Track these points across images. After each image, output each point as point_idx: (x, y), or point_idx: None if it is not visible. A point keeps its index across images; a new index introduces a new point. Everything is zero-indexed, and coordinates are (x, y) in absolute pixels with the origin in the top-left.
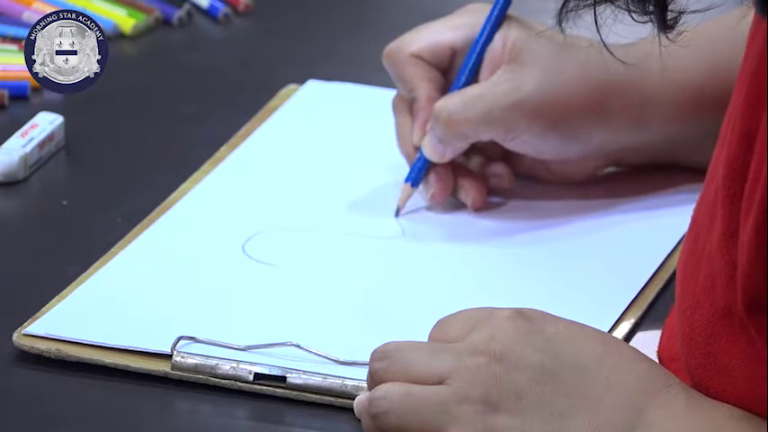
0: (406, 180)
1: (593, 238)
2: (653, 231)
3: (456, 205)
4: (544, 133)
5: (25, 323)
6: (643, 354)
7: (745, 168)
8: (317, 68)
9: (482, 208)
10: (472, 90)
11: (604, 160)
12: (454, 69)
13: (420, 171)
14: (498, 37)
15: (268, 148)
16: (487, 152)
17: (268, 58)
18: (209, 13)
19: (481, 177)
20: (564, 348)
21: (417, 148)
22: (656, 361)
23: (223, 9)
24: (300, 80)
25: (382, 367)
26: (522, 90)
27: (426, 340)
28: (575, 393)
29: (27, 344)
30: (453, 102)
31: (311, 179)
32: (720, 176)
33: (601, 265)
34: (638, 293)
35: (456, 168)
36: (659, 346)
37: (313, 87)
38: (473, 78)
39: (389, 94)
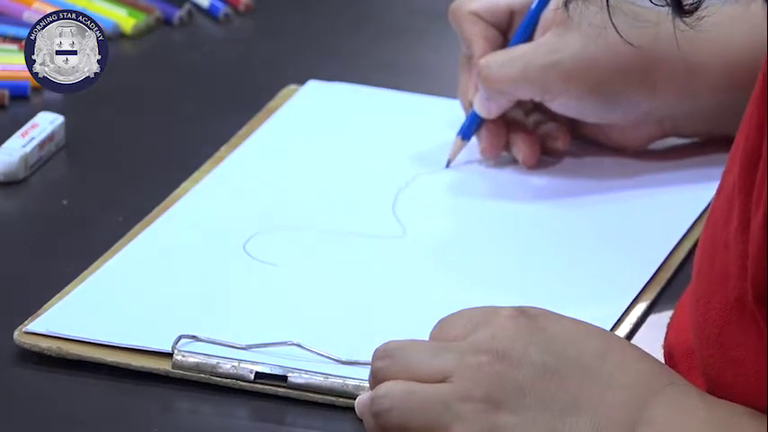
0: (458, 134)
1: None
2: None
3: (509, 161)
4: (582, 96)
5: (26, 321)
6: (645, 352)
7: (759, 158)
8: (317, 68)
9: (534, 165)
10: (515, 49)
11: (658, 129)
12: (514, 30)
13: (471, 126)
14: (554, 0)
15: (268, 147)
16: (547, 112)
17: (268, 58)
18: (209, 13)
19: (535, 135)
20: (566, 347)
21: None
22: (662, 354)
23: (223, 9)
24: (301, 80)
25: (384, 366)
26: (562, 52)
27: (428, 339)
28: (577, 391)
29: (28, 342)
30: (494, 59)
31: (312, 179)
32: (738, 167)
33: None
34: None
35: (510, 125)
36: (667, 341)
37: (313, 87)
38: (527, 40)
39: (390, 94)
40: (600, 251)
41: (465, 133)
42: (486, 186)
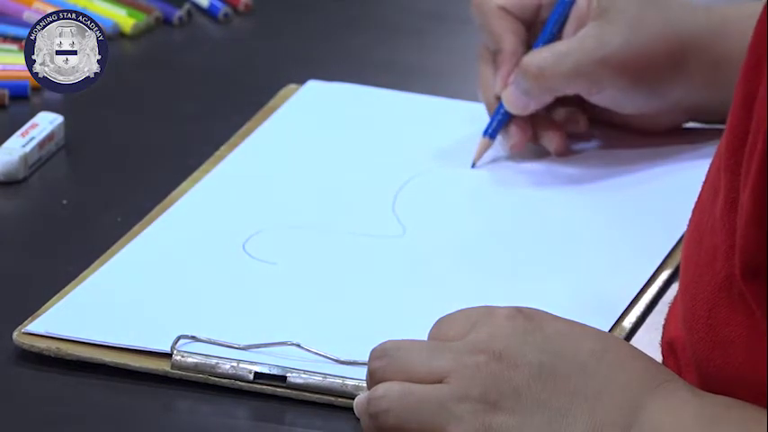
0: (485, 133)
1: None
2: None
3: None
4: (628, 87)
5: (25, 321)
6: (641, 351)
7: (745, 134)
8: (317, 68)
9: (565, 154)
10: (561, 45)
11: (681, 117)
12: (538, 23)
13: (499, 124)
14: None
15: (268, 147)
16: (565, 102)
17: (268, 57)
18: (209, 13)
19: (560, 124)
20: (563, 347)
21: (499, 99)
22: (659, 353)
23: (223, 9)
24: (300, 80)
25: (381, 366)
26: (610, 45)
27: (426, 339)
28: (574, 391)
29: (27, 342)
30: (543, 56)
31: (311, 178)
32: (724, 146)
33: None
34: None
35: (534, 118)
36: (667, 335)
37: (313, 87)
38: (557, 34)
39: (389, 94)
40: (602, 251)
41: (492, 132)
42: (485, 185)
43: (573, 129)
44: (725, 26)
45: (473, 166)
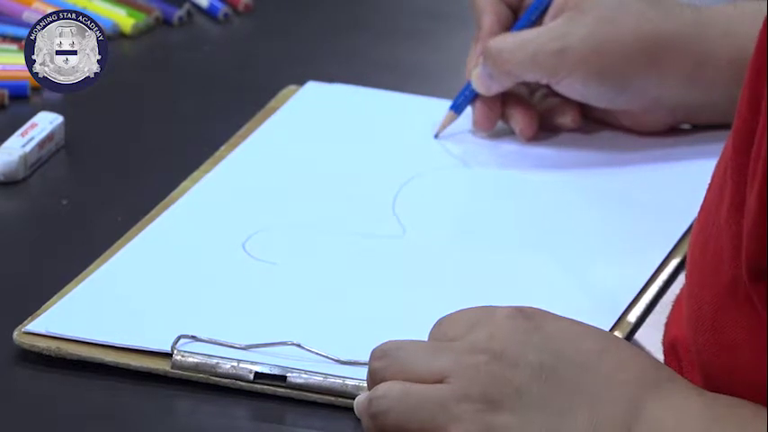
0: (451, 107)
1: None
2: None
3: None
4: (587, 80)
5: (25, 321)
6: (641, 350)
7: (751, 135)
8: (316, 68)
9: (532, 138)
10: (526, 33)
11: (670, 116)
12: (523, 8)
13: (465, 100)
14: None
15: (268, 147)
16: (556, 94)
17: (268, 58)
18: (208, 13)
19: (533, 107)
20: (563, 346)
21: None
22: (661, 352)
23: (223, 9)
24: (300, 80)
25: (382, 366)
26: (570, 37)
27: (426, 339)
28: (574, 391)
29: (27, 342)
30: (507, 41)
31: (311, 178)
32: (729, 147)
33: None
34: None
35: (507, 98)
36: (669, 336)
37: (312, 88)
38: (537, 21)
39: (389, 95)
40: (602, 250)
41: (458, 107)
42: (485, 186)
43: (561, 120)
44: (713, 25)
45: (436, 136)
